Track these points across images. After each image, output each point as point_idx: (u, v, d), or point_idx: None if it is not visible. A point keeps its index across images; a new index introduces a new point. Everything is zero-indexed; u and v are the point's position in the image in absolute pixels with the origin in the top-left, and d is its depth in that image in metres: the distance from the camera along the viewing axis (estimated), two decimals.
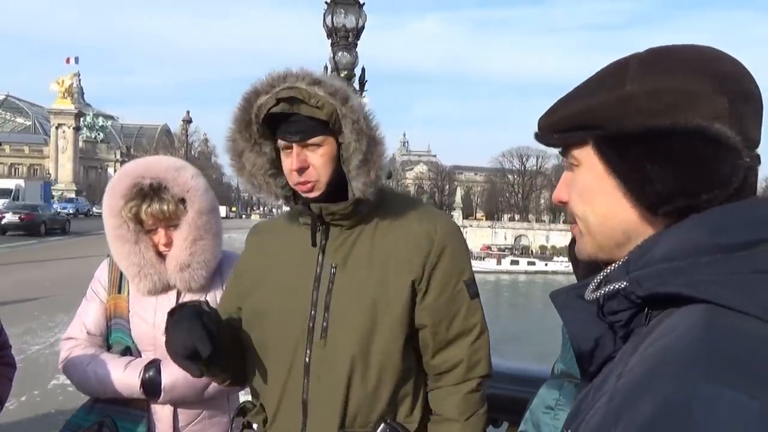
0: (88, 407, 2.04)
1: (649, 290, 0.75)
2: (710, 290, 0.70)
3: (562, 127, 0.87)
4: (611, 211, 0.84)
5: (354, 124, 1.48)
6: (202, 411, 2.07)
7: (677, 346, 0.68)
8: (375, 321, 1.52)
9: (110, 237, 2.01)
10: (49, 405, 5.60)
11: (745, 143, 0.77)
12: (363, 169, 1.50)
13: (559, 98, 0.90)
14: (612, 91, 0.82)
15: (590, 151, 0.84)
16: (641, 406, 0.64)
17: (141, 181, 1.95)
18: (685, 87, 0.78)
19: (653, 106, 0.78)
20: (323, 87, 1.47)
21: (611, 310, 0.81)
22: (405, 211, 1.61)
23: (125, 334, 2.05)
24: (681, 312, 0.72)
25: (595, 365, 0.87)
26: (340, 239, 1.58)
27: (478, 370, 1.61)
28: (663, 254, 0.76)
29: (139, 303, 2.05)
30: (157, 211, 1.96)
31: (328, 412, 1.52)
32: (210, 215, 2.02)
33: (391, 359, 1.53)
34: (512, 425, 2.44)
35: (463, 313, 1.60)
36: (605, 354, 0.86)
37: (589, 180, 0.85)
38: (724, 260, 0.72)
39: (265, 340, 1.61)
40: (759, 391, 0.60)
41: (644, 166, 0.78)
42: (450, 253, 1.59)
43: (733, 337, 0.66)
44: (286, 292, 1.59)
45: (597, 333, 0.86)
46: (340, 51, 10.39)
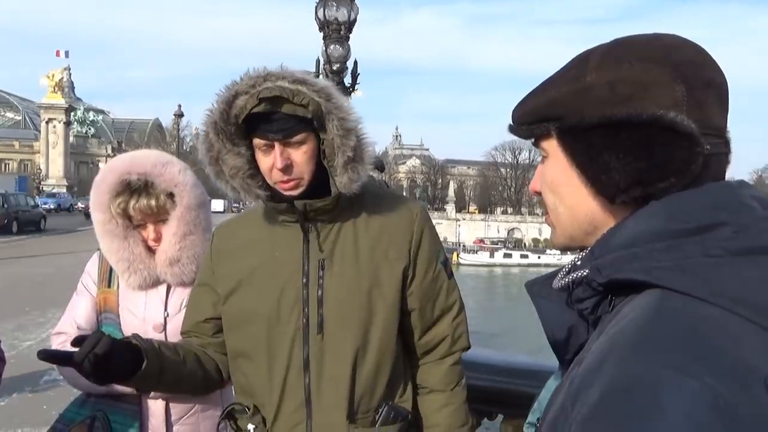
0: (80, 401, 2.04)
1: (607, 277, 0.77)
2: (662, 275, 0.72)
3: (529, 119, 0.89)
4: (577, 201, 0.85)
5: (341, 121, 1.50)
6: (195, 405, 2.07)
7: (627, 331, 0.70)
8: (371, 311, 1.57)
9: (99, 232, 2.00)
10: (41, 400, 5.58)
11: (705, 131, 0.77)
12: (351, 165, 1.52)
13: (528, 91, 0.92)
14: (573, 83, 0.83)
15: (555, 142, 0.86)
16: (592, 389, 0.66)
17: (128, 177, 1.94)
18: (641, 76, 0.79)
19: (611, 97, 0.79)
20: (307, 85, 1.48)
21: (578, 298, 0.84)
22: (379, 201, 1.65)
23: (115, 329, 2.04)
24: (638, 298, 0.74)
25: (570, 353, 0.90)
26: (323, 234, 1.59)
27: (460, 343, 1.73)
28: (622, 242, 0.78)
29: (129, 297, 2.05)
30: (145, 206, 1.95)
31: (334, 405, 1.54)
32: (199, 210, 2.01)
33: (388, 346, 1.60)
34: (506, 418, 2.45)
35: (444, 293, 1.70)
36: (579, 341, 0.88)
37: (556, 171, 0.87)
38: (676, 245, 0.74)
39: (256, 341, 1.59)
40: (700, 372, 0.62)
41: (601, 156, 0.79)
42: (427, 237, 1.66)
43: (680, 321, 0.68)
44: (275, 291, 1.57)
45: (570, 321, 0.89)
46: (332, 44, 10.35)
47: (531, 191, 0.95)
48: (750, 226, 0.74)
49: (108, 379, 1.49)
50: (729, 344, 0.65)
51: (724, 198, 0.77)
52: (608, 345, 0.70)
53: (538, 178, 0.93)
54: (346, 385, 1.54)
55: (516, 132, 0.93)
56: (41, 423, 4.73)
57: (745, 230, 0.73)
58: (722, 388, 0.61)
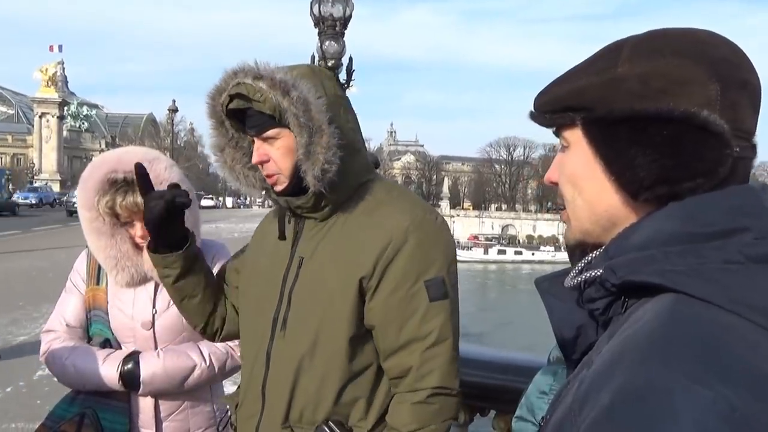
0: (69, 398, 2.04)
1: (622, 278, 0.75)
2: (679, 280, 0.70)
3: (553, 107, 0.86)
4: (598, 196, 0.82)
5: (294, 117, 1.43)
6: (184, 401, 2.07)
7: (640, 335, 0.68)
8: (323, 317, 1.49)
9: (86, 230, 1.99)
10: (35, 396, 5.57)
11: (736, 133, 0.75)
12: (307, 162, 1.45)
13: (553, 78, 0.89)
14: (603, 73, 0.80)
15: (579, 133, 0.83)
16: (602, 393, 0.64)
17: (114, 176, 1.94)
18: (676, 71, 0.76)
19: (643, 90, 0.76)
20: (265, 80, 1.44)
21: (589, 298, 0.81)
22: (384, 203, 1.54)
23: (104, 326, 2.04)
24: (652, 301, 0.72)
25: (578, 353, 0.87)
26: (312, 232, 1.57)
27: (428, 381, 1.46)
28: (639, 242, 0.76)
29: (118, 295, 2.04)
30: (132, 204, 1.94)
31: (278, 404, 1.52)
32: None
33: (336, 358, 1.48)
34: (499, 414, 2.46)
35: (419, 317, 1.47)
36: (588, 342, 0.85)
37: (577, 163, 0.84)
38: (695, 250, 0.72)
39: (244, 326, 1.67)
40: (714, 381, 0.60)
41: (628, 151, 0.76)
42: (407, 252, 1.47)
43: (696, 327, 0.66)
44: (262, 282, 1.61)
45: (579, 321, 0.86)
46: (328, 40, 10.33)
47: (547, 180, 0.91)
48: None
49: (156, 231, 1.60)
50: (745, 353, 0.63)
51: (746, 202, 0.75)
52: (620, 348, 0.68)
53: (556, 167, 0.89)
54: (287, 389, 1.51)
55: (538, 120, 0.89)
56: (35, 417, 4.72)
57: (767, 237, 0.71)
58: (736, 398, 0.59)
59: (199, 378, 2.03)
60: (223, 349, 2.07)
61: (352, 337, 1.49)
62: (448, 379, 1.48)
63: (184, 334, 2.06)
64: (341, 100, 1.54)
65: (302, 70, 1.52)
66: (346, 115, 1.54)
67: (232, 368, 2.11)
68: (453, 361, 1.49)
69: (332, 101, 1.49)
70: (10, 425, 4.97)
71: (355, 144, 1.53)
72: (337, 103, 1.52)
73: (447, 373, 1.48)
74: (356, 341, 1.50)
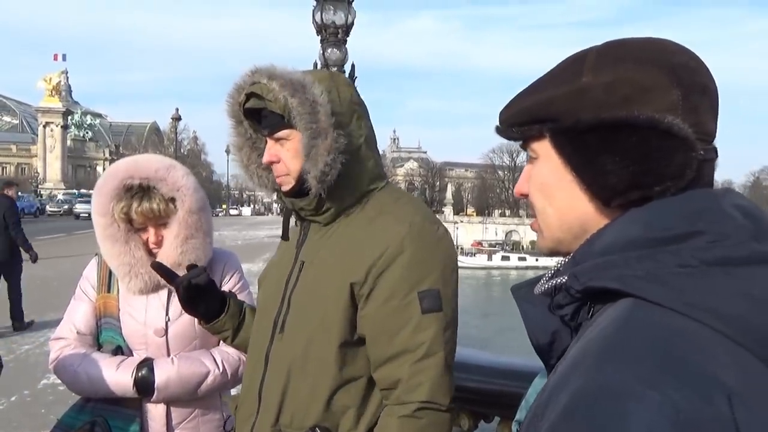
0: (78, 407, 2.03)
1: (584, 284, 0.76)
2: (636, 285, 0.71)
3: (519, 120, 0.87)
4: (569, 204, 0.84)
5: (300, 117, 1.44)
6: (195, 409, 2.07)
7: (597, 339, 0.69)
8: (317, 322, 1.48)
9: (100, 236, 2.00)
10: (40, 404, 5.57)
11: (699, 136, 0.77)
12: (308, 163, 1.46)
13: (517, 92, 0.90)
14: (568, 84, 0.82)
15: (547, 144, 0.84)
16: (560, 396, 0.66)
17: (130, 182, 1.95)
18: (639, 78, 0.78)
19: (608, 99, 0.78)
20: (278, 80, 1.45)
21: (558, 304, 0.83)
22: (386, 212, 1.52)
23: (116, 333, 2.04)
24: (613, 306, 0.73)
25: (554, 358, 0.89)
26: (316, 236, 1.58)
27: (416, 394, 1.42)
28: (601, 248, 0.78)
29: (130, 302, 2.04)
30: (148, 210, 1.96)
31: (271, 407, 1.53)
32: (200, 214, 2.02)
33: (326, 364, 1.47)
34: (503, 420, 2.46)
35: (410, 329, 1.43)
36: (563, 347, 0.87)
37: (547, 173, 0.85)
38: (652, 254, 0.73)
39: (254, 327, 1.69)
40: (663, 384, 0.61)
41: (598, 159, 0.78)
42: (406, 260, 1.44)
43: (649, 332, 0.67)
44: (271, 284, 1.64)
45: (554, 326, 0.88)
46: (330, 48, 10.35)
47: (517, 193, 0.92)
48: (727, 235, 0.72)
49: (192, 310, 1.74)
50: (696, 357, 0.65)
51: (704, 206, 0.76)
52: (579, 353, 0.70)
53: (525, 180, 0.90)
54: (279, 392, 1.51)
55: (505, 133, 0.91)
56: (39, 427, 4.73)
57: (722, 240, 0.72)
58: (684, 402, 0.60)
59: (213, 384, 2.03)
60: (235, 355, 2.08)
61: (343, 344, 1.47)
62: (438, 393, 1.43)
63: (197, 342, 2.07)
64: (356, 108, 1.54)
65: (320, 74, 1.56)
66: (359, 123, 1.53)
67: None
68: (444, 376, 1.44)
69: (345, 107, 1.50)
70: None
71: (362, 151, 1.53)
72: (350, 110, 1.52)
73: (437, 387, 1.43)
74: (348, 349, 1.47)
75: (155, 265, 1.71)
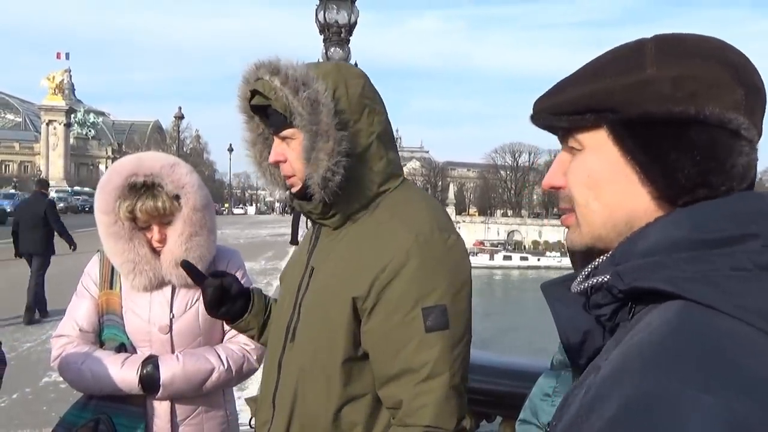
0: (81, 404, 2.03)
1: (629, 284, 0.74)
2: (687, 287, 0.69)
3: (570, 108, 0.82)
4: (619, 199, 0.80)
5: (300, 117, 1.36)
6: (199, 406, 2.07)
7: (647, 343, 0.67)
8: (322, 333, 1.43)
9: (103, 234, 2.00)
10: (41, 402, 5.58)
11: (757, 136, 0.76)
12: (309, 169, 1.39)
13: (562, 79, 0.85)
14: (629, 74, 0.78)
15: (603, 135, 0.80)
16: (609, 402, 0.64)
17: (135, 179, 1.95)
18: (707, 75, 0.75)
19: (674, 93, 0.75)
20: (280, 76, 1.37)
21: (596, 304, 0.80)
22: (395, 217, 1.42)
23: (119, 330, 2.04)
24: (660, 308, 0.71)
25: (584, 358, 0.86)
26: (326, 241, 1.52)
27: (419, 417, 1.33)
28: (646, 248, 0.75)
29: (133, 299, 2.04)
30: (152, 208, 1.96)
31: (283, 415, 1.49)
32: (204, 211, 2.02)
33: (332, 379, 1.40)
34: (505, 420, 2.46)
35: (413, 347, 1.34)
36: (595, 346, 0.85)
37: (599, 166, 0.80)
38: (704, 256, 0.71)
39: (271, 331, 1.66)
40: (720, 390, 0.60)
41: (668, 155, 0.75)
42: (411, 273, 1.34)
43: (703, 336, 0.65)
44: (287, 288, 1.60)
45: (586, 326, 0.85)
46: (333, 47, 10.38)
47: (547, 185, 0.87)
48: None
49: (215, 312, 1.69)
50: (751, 361, 0.63)
51: (755, 208, 0.74)
52: (627, 356, 0.68)
53: (560, 171, 0.86)
54: (290, 401, 1.47)
55: (546, 122, 0.85)
56: (41, 424, 4.73)
57: None
58: (741, 407, 0.59)
59: (217, 381, 2.04)
60: (239, 352, 2.09)
61: (348, 360, 1.40)
62: (442, 418, 1.33)
63: (201, 338, 2.07)
64: (367, 102, 1.44)
65: (326, 67, 1.46)
66: (371, 119, 1.44)
67: (249, 371, 2.13)
68: (449, 399, 1.34)
69: (354, 103, 1.42)
70: None
71: (372, 150, 1.44)
72: (360, 106, 1.43)
73: (441, 411, 1.33)
74: (353, 364, 1.41)
75: (185, 264, 1.70)
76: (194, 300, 2.06)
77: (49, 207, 9.95)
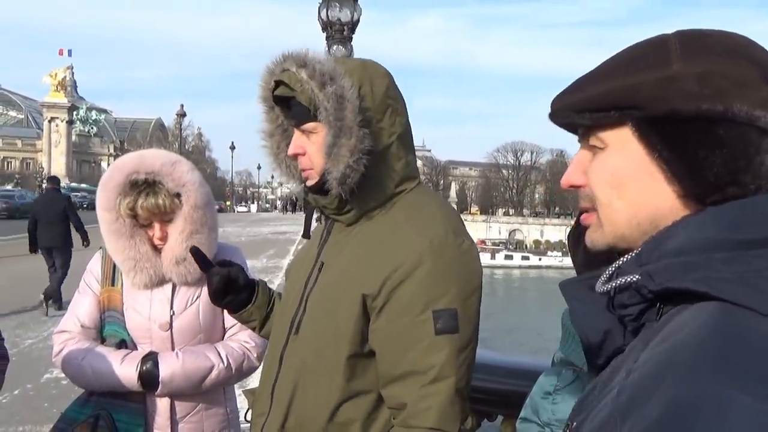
0: (82, 400, 2.04)
1: (661, 285, 0.72)
2: (724, 288, 0.67)
3: (595, 105, 0.80)
4: (644, 198, 0.78)
5: (325, 112, 1.36)
6: (199, 403, 2.08)
7: (688, 344, 0.65)
8: (328, 329, 1.43)
9: (105, 231, 2.01)
10: (43, 398, 5.59)
11: None
12: (330, 163, 1.39)
13: (582, 76, 0.84)
14: (655, 71, 0.76)
15: (627, 133, 0.78)
16: (649, 405, 0.62)
17: (136, 177, 1.95)
18: (733, 72, 0.74)
19: (701, 90, 0.73)
20: (307, 69, 1.37)
21: (621, 303, 0.78)
22: (410, 220, 1.43)
23: (120, 327, 2.05)
24: (693, 309, 0.70)
25: (603, 358, 0.85)
26: (338, 236, 1.52)
27: (422, 420, 1.34)
28: (677, 247, 0.73)
29: (134, 296, 2.05)
30: (153, 205, 1.96)
31: (280, 409, 1.50)
32: (205, 209, 2.02)
33: (334, 374, 1.41)
34: (506, 419, 2.46)
35: (421, 349, 1.35)
36: (614, 347, 0.83)
37: (623, 164, 0.79)
38: (740, 257, 0.69)
39: (275, 324, 1.66)
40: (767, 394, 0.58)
41: (697, 153, 0.73)
42: (423, 275, 1.35)
43: (746, 338, 0.64)
44: (294, 282, 1.61)
45: (606, 326, 0.83)
46: (335, 45, 10.40)
47: (566, 184, 0.86)
48: None
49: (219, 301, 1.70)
50: None
51: None
52: (667, 358, 0.66)
53: (580, 170, 0.84)
54: (288, 395, 1.48)
55: (567, 119, 0.83)
56: (42, 420, 4.74)
57: None
58: None
59: (217, 378, 2.04)
60: (239, 350, 2.09)
61: (353, 356, 1.41)
62: (446, 421, 1.35)
63: (201, 336, 2.08)
64: (391, 102, 1.45)
65: (353, 64, 1.46)
66: (393, 119, 1.45)
67: (249, 369, 2.13)
68: (454, 403, 1.35)
69: (377, 102, 1.42)
70: (17, 428, 4.98)
71: (392, 151, 1.45)
72: (383, 105, 1.43)
73: (445, 414, 1.34)
74: (357, 360, 1.42)
75: (194, 250, 1.70)
76: (195, 297, 2.06)
77: (68, 202, 10.48)
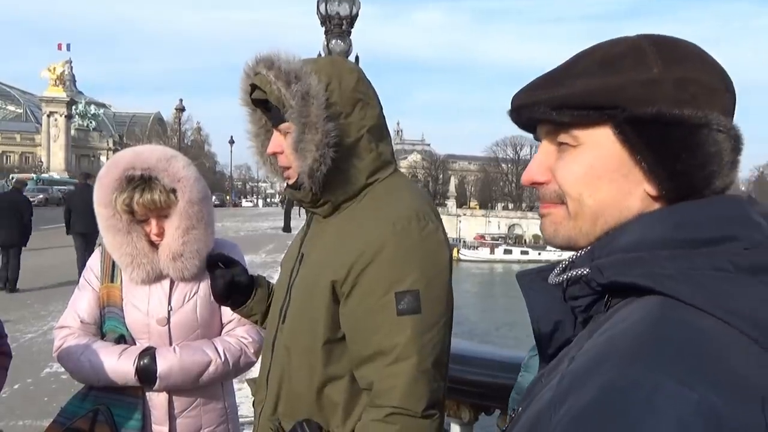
0: (82, 395, 2.05)
1: (609, 279, 0.75)
2: (667, 283, 0.70)
3: (576, 103, 0.79)
4: (616, 197, 0.79)
5: (291, 110, 1.41)
6: (197, 398, 2.09)
7: (626, 335, 0.68)
8: (304, 316, 1.50)
9: (102, 227, 2.02)
10: (43, 393, 5.61)
11: None
12: (297, 158, 1.44)
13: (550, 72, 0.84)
14: (637, 72, 0.77)
15: (607, 132, 0.79)
16: (584, 390, 0.65)
17: (132, 172, 1.96)
18: (705, 79, 0.77)
19: (678, 95, 0.76)
20: (274, 70, 1.42)
21: (573, 295, 0.82)
22: (379, 207, 1.47)
23: (119, 323, 2.06)
24: (638, 302, 0.73)
25: (553, 347, 0.88)
26: (317, 229, 1.60)
27: (387, 398, 1.37)
28: (627, 244, 0.76)
29: (132, 292, 2.06)
30: (149, 201, 1.96)
31: (272, 395, 1.57)
32: (201, 204, 2.02)
33: (313, 359, 1.46)
34: (504, 412, 2.47)
35: (385, 330, 1.38)
36: (564, 337, 0.87)
37: (598, 163, 0.80)
38: (684, 255, 0.72)
39: (269, 314, 1.73)
40: (699, 384, 0.61)
41: (679, 156, 0.76)
42: (386, 258, 1.39)
43: (682, 331, 0.66)
44: (283, 273, 1.67)
45: (558, 316, 0.88)
46: (334, 39, 10.35)
47: (528, 182, 0.87)
48: (759, 243, 0.73)
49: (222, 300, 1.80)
50: (730, 359, 0.64)
51: (735, 212, 0.76)
52: (606, 347, 0.69)
53: (545, 167, 0.85)
54: (278, 381, 1.55)
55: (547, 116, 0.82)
56: (43, 415, 4.76)
57: (756, 247, 0.72)
58: (719, 402, 0.60)
59: (214, 374, 2.05)
60: (237, 345, 2.10)
61: (328, 341, 1.46)
62: (410, 399, 1.36)
63: (198, 331, 2.09)
64: (360, 96, 1.48)
65: (321, 62, 1.50)
66: (363, 112, 1.48)
67: (246, 364, 2.14)
68: (417, 382, 1.37)
69: (346, 97, 1.46)
70: (17, 422, 5.00)
71: (362, 143, 1.48)
72: (352, 99, 1.47)
73: (409, 393, 1.36)
74: (333, 346, 1.46)
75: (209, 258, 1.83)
76: (192, 293, 2.07)
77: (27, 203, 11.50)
